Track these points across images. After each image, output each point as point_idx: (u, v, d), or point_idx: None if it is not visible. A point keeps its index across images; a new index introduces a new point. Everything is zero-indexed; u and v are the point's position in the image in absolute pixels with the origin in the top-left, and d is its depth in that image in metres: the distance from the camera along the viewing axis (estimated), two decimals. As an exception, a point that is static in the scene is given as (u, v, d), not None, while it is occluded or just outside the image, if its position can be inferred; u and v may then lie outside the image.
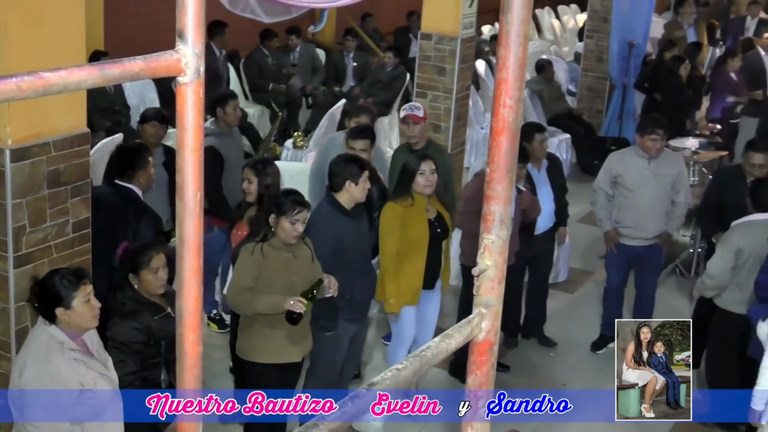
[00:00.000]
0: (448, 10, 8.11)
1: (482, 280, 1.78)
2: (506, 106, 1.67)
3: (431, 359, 1.64)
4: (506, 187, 1.72)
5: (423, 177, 5.56)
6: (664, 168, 6.74)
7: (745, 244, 5.72)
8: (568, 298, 7.93)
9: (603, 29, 11.77)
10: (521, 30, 1.64)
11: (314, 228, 4.93)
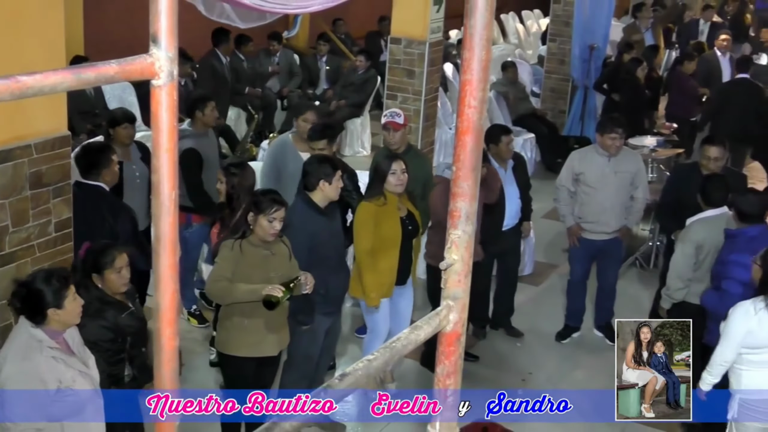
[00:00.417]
0: (416, 15, 8.12)
1: (449, 273, 1.78)
2: (471, 107, 1.68)
3: (401, 350, 1.64)
4: (471, 185, 1.72)
5: (394, 176, 5.58)
6: (623, 165, 6.76)
7: (703, 239, 5.74)
8: (533, 290, 7.96)
9: (565, 33, 11.82)
10: (484, 34, 1.64)
11: (290, 226, 4.92)
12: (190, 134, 6.60)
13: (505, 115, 11.27)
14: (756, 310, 4.64)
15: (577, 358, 6.97)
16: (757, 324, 4.62)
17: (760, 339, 4.64)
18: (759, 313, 4.62)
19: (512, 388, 6.40)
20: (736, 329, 4.67)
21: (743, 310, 4.68)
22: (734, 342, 4.68)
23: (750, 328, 4.63)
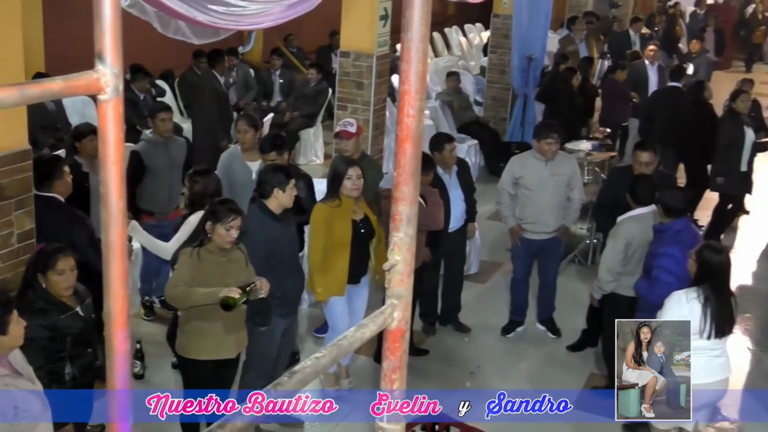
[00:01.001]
0: (364, 30, 8.13)
1: (393, 273, 1.78)
2: (409, 116, 1.68)
3: (348, 347, 1.64)
4: (412, 189, 1.73)
5: (350, 181, 5.60)
6: (559, 169, 6.82)
7: (632, 236, 5.85)
8: (479, 287, 8.00)
9: (505, 45, 11.91)
10: (420, 46, 1.65)
11: (246, 233, 4.89)
12: (144, 139, 6.87)
13: (450, 122, 11.34)
14: (688, 299, 4.76)
15: (522, 350, 7.02)
16: (688, 312, 4.74)
17: (693, 327, 4.74)
18: (690, 303, 4.75)
19: (461, 381, 6.46)
20: (670, 316, 4.78)
21: (676, 299, 4.80)
22: None
23: (682, 316, 4.74)
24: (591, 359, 6.81)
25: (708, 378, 4.84)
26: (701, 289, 4.76)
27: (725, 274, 4.85)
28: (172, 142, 6.90)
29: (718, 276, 4.80)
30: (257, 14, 5.41)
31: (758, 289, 8.57)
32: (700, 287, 4.77)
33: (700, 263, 4.79)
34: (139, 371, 6.12)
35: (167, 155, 6.79)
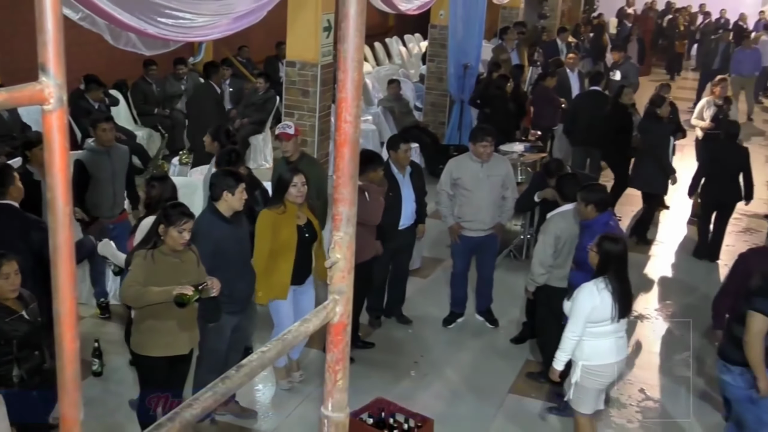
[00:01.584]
0: (308, 40, 8.11)
1: (334, 271, 1.78)
2: (346, 122, 1.69)
3: (292, 341, 1.64)
4: (350, 191, 1.73)
5: (295, 188, 5.57)
6: (494, 170, 6.88)
7: (560, 231, 5.94)
8: (422, 282, 8.03)
9: (442, 54, 11.98)
10: (356, 56, 1.66)
11: (196, 233, 4.86)
12: (88, 148, 6.84)
13: (392, 127, 11.38)
14: (598, 290, 4.86)
15: (462, 340, 7.07)
16: (600, 301, 4.85)
17: (602, 314, 4.86)
18: (601, 293, 4.85)
19: (406, 370, 6.48)
20: (582, 307, 4.86)
21: (588, 291, 4.88)
22: (582, 318, 4.87)
23: (594, 305, 4.85)
24: (527, 347, 6.90)
25: (617, 357, 5.01)
26: (606, 278, 4.87)
27: (624, 261, 4.95)
28: (115, 150, 6.85)
29: (618, 264, 4.90)
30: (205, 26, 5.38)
31: (678, 277, 8.77)
32: (605, 276, 4.88)
33: (602, 254, 4.90)
34: (97, 369, 6.02)
35: (110, 163, 6.74)
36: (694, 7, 22.82)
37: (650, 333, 7.40)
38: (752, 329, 4.66)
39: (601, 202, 5.64)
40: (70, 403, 1.08)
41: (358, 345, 6.45)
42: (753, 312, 4.67)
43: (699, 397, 6.30)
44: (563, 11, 19.47)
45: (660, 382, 6.54)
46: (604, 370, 4.97)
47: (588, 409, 5.08)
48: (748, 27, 20.63)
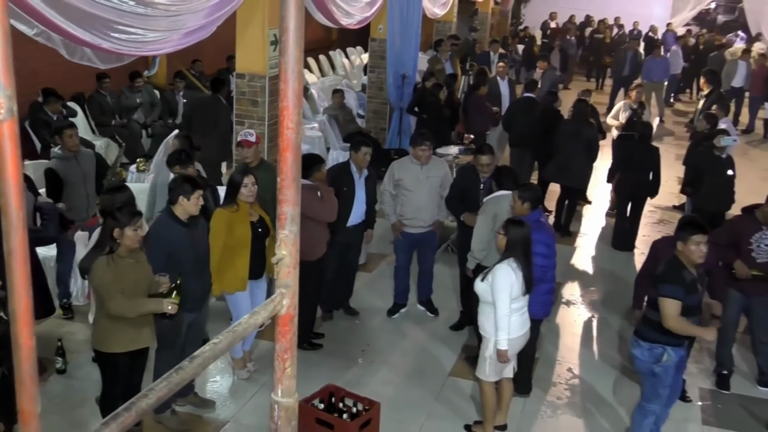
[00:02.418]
0: (256, 54, 8.05)
1: (281, 266, 1.78)
2: (289, 128, 1.69)
3: (242, 333, 1.63)
4: (294, 192, 1.73)
5: (246, 188, 5.56)
6: (433, 171, 6.93)
7: (498, 211, 6.00)
8: (367, 276, 8.04)
9: (381, 65, 12.00)
10: (296, 67, 1.65)
11: (151, 234, 4.82)
12: (55, 156, 6.78)
13: (337, 134, 11.36)
14: (513, 269, 4.98)
15: (406, 328, 7.10)
16: (515, 279, 4.97)
17: (516, 291, 5.00)
18: (515, 272, 4.98)
19: (354, 358, 6.48)
20: (503, 285, 4.97)
21: (504, 270, 4.99)
22: (507, 295, 4.97)
23: (512, 282, 4.96)
24: (465, 333, 6.96)
25: (522, 330, 5.15)
26: (514, 257, 5.00)
27: (528, 243, 5.07)
28: (81, 154, 6.77)
29: (523, 245, 5.03)
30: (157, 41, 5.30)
31: (599, 266, 8.93)
32: (512, 257, 5.01)
33: (509, 237, 5.03)
34: (61, 367, 5.89)
35: (79, 167, 6.67)
36: (610, 20, 23.28)
37: (576, 317, 7.53)
38: (667, 314, 4.79)
39: (535, 200, 5.73)
40: (27, 398, 1.07)
41: (304, 346, 6.41)
42: (662, 298, 4.81)
43: (620, 372, 6.44)
44: (492, 25, 19.67)
45: (585, 362, 6.66)
46: (513, 343, 5.09)
47: (493, 377, 5.22)
48: (658, 38, 21.11)
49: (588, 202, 10.80)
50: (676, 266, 4.86)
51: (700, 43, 20.00)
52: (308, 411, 4.90)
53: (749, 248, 6.00)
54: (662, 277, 4.88)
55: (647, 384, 5.13)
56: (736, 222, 6.28)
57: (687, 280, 4.80)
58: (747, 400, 6.15)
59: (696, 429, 5.74)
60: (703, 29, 24.80)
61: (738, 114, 15.81)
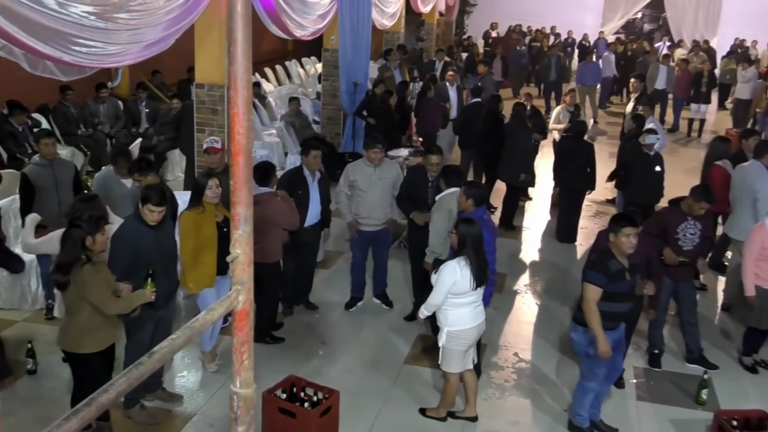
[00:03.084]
0: (214, 64, 7.97)
1: (236, 264, 1.77)
2: (240, 134, 1.68)
3: (199, 328, 1.62)
4: (246, 194, 1.73)
5: (211, 191, 5.54)
6: (385, 173, 6.94)
7: (452, 207, 6.02)
8: (325, 272, 8.02)
9: (334, 74, 11.98)
10: (245, 76, 1.65)
11: (118, 235, 4.79)
12: (33, 162, 6.69)
13: (294, 139, 11.32)
14: (460, 267, 5.01)
15: (363, 321, 7.11)
16: (461, 277, 5.00)
17: (462, 287, 5.02)
18: (462, 270, 5.00)
19: (314, 350, 6.46)
20: (445, 281, 5.00)
21: (451, 268, 5.02)
22: (444, 291, 5.02)
23: (456, 280, 4.99)
24: (419, 323, 6.97)
25: (476, 322, 5.18)
26: (465, 255, 5.03)
27: (479, 240, 5.09)
28: (57, 162, 6.67)
29: (474, 242, 5.06)
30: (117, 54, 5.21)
31: (543, 257, 9.06)
32: (464, 255, 5.03)
33: (460, 235, 5.05)
34: (31, 368, 5.76)
35: (53, 175, 6.55)
36: (547, 29, 23.61)
37: (522, 305, 7.62)
38: (586, 296, 4.93)
39: (480, 197, 5.77)
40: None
41: (267, 341, 6.39)
42: (585, 283, 4.94)
43: (561, 354, 6.54)
44: (438, 35, 19.78)
45: (530, 346, 6.75)
46: (465, 334, 5.14)
47: (456, 368, 5.24)
48: (590, 44, 21.46)
49: (529, 199, 10.94)
50: (605, 256, 4.98)
51: (628, 50, 20.40)
52: (271, 401, 4.88)
53: (676, 237, 6.15)
54: (590, 265, 5.05)
55: (585, 364, 5.24)
56: (663, 213, 6.42)
57: (612, 269, 4.91)
58: (676, 376, 6.30)
59: (631, 405, 5.86)
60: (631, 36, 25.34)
61: (663, 114, 16.16)
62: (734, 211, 7.54)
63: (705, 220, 6.23)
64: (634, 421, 5.64)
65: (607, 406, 5.69)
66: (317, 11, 10.21)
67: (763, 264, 6.06)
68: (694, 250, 6.17)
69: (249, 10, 1.60)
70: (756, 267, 6.08)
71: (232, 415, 1.82)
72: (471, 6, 24.42)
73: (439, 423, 5.45)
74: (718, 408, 5.67)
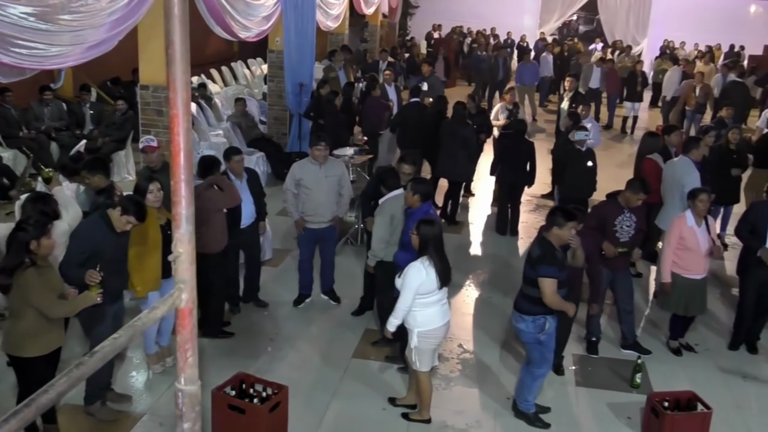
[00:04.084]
0: (159, 66, 7.83)
1: (178, 263, 1.75)
2: (179, 134, 1.67)
3: (141, 327, 1.60)
4: (187, 194, 1.71)
5: (152, 195, 5.45)
6: (331, 171, 6.93)
7: (393, 211, 6.07)
8: (274, 270, 7.97)
9: (280, 75, 11.90)
10: (183, 78, 1.64)
11: (76, 235, 4.68)
12: None
13: (240, 140, 11.19)
14: (424, 267, 4.99)
15: (311, 317, 7.09)
16: (426, 276, 4.98)
17: (428, 287, 5.00)
18: (427, 269, 4.99)
19: (264, 346, 6.42)
20: (412, 283, 4.97)
21: (416, 269, 5.00)
22: (412, 292, 4.98)
23: (422, 280, 4.97)
24: (365, 318, 7.01)
25: (443, 320, 5.17)
26: (427, 255, 5.01)
27: (440, 240, 5.10)
28: None
29: (435, 242, 5.06)
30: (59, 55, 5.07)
31: (485, 251, 9.18)
32: (426, 255, 5.01)
33: (421, 236, 5.03)
34: (-25, 374, 5.57)
35: None
36: (487, 30, 23.89)
37: (465, 298, 7.71)
38: (546, 291, 4.99)
39: (426, 193, 5.81)
40: None
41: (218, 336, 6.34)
42: (541, 278, 4.99)
43: (503, 344, 6.64)
44: (381, 36, 19.82)
45: (474, 337, 6.84)
46: (435, 332, 5.12)
47: (427, 366, 5.23)
48: (528, 45, 21.79)
49: (471, 195, 11.06)
50: (550, 248, 5.06)
51: (564, 50, 20.79)
52: (220, 398, 4.83)
53: (614, 230, 6.30)
54: (540, 260, 5.05)
55: (536, 352, 5.29)
56: (601, 207, 6.56)
57: (559, 258, 5.02)
58: (612, 362, 6.47)
59: (571, 390, 5.99)
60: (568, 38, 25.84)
61: (598, 112, 16.54)
62: (664, 204, 7.79)
63: (639, 211, 6.41)
64: (574, 405, 5.77)
65: (548, 393, 5.81)
66: (261, 13, 10.13)
67: (682, 253, 6.26)
68: (630, 242, 6.34)
69: (186, 12, 1.59)
70: (675, 256, 6.28)
71: (178, 412, 1.80)
72: (413, 8, 24.54)
73: (390, 415, 5.46)
74: (651, 390, 5.84)
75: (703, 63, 18.98)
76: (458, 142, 9.40)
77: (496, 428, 5.42)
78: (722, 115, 10.87)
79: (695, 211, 6.25)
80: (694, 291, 6.37)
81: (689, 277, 6.30)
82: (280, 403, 4.91)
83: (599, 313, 6.60)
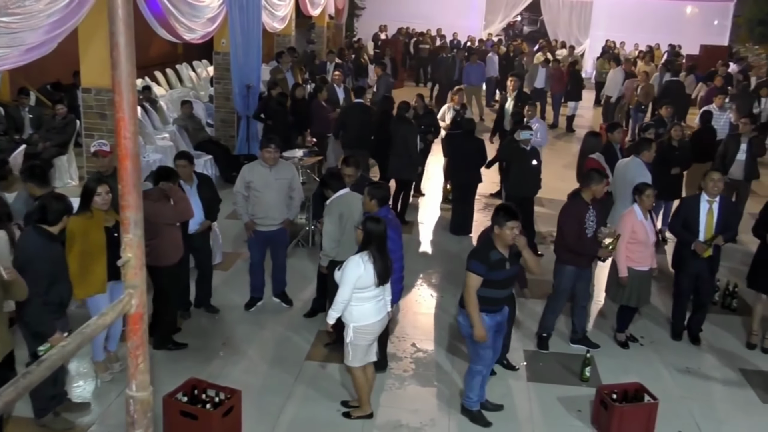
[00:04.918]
0: (101, 68, 7.69)
1: (127, 268, 1.74)
2: (126, 138, 1.65)
3: (91, 334, 1.58)
4: (135, 198, 1.69)
5: (100, 197, 5.37)
6: (281, 173, 6.89)
7: (341, 211, 6.09)
8: (224, 274, 7.88)
9: (226, 77, 11.79)
10: (129, 80, 1.62)
11: (20, 252, 4.58)
12: None
13: (187, 143, 11.05)
14: (363, 261, 5.06)
15: (263, 320, 7.04)
16: (364, 271, 5.05)
17: (366, 281, 5.07)
18: (365, 264, 5.06)
19: (216, 351, 6.35)
20: (350, 276, 5.03)
21: (354, 263, 5.07)
22: (350, 285, 5.04)
23: (359, 274, 5.04)
24: (318, 320, 6.99)
25: (379, 316, 5.24)
26: (368, 251, 5.09)
27: (383, 238, 5.17)
28: None
29: (378, 240, 5.13)
30: (-4, 58, 4.93)
31: (438, 250, 9.24)
32: (368, 251, 5.09)
33: (366, 232, 5.11)
34: None
35: None
36: (433, 31, 24.08)
37: (418, 297, 7.76)
38: (467, 284, 5.11)
39: (382, 198, 5.87)
40: None
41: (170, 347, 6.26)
42: (467, 272, 5.11)
43: (455, 342, 6.71)
44: (328, 37, 19.81)
45: (426, 336, 6.89)
46: (370, 328, 5.19)
47: (358, 362, 5.27)
48: (475, 46, 22.04)
49: (422, 195, 11.14)
50: (487, 247, 5.15)
51: (510, 51, 21.10)
52: (172, 405, 4.77)
53: (584, 227, 6.41)
54: (472, 254, 5.20)
55: (471, 346, 5.41)
56: (572, 207, 6.49)
57: (492, 259, 5.08)
58: (562, 356, 6.60)
59: (522, 385, 6.09)
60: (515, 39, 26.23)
61: (543, 111, 16.84)
62: (615, 203, 7.99)
63: (598, 208, 6.57)
64: (525, 400, 5.87)
65: (500, 388, 5.90)
66: (206, 14, 10.02)
67: (634, 247, 6.45)
68: (593, 237, 6.47)
69: (131, 14, 1.57)
70: (628, 250, 6.46)
71: (129, 419, 1.78)
72: (360, 9, 24.59)
73: (341, 417, 5.46)
74: (600, 383, 5.98)
75: (644, 63, 19.49)
76: (403, 143, 9.46)
77: (451, 426, 5.48)
78: (661, 113, 11.19)
79: (642, 206, 6.46)
80: (644, 282, 6.58)
81: (639, 269, 6.50)
82: (233, 407, 4.87)
83: (560, 309, 6.66)
